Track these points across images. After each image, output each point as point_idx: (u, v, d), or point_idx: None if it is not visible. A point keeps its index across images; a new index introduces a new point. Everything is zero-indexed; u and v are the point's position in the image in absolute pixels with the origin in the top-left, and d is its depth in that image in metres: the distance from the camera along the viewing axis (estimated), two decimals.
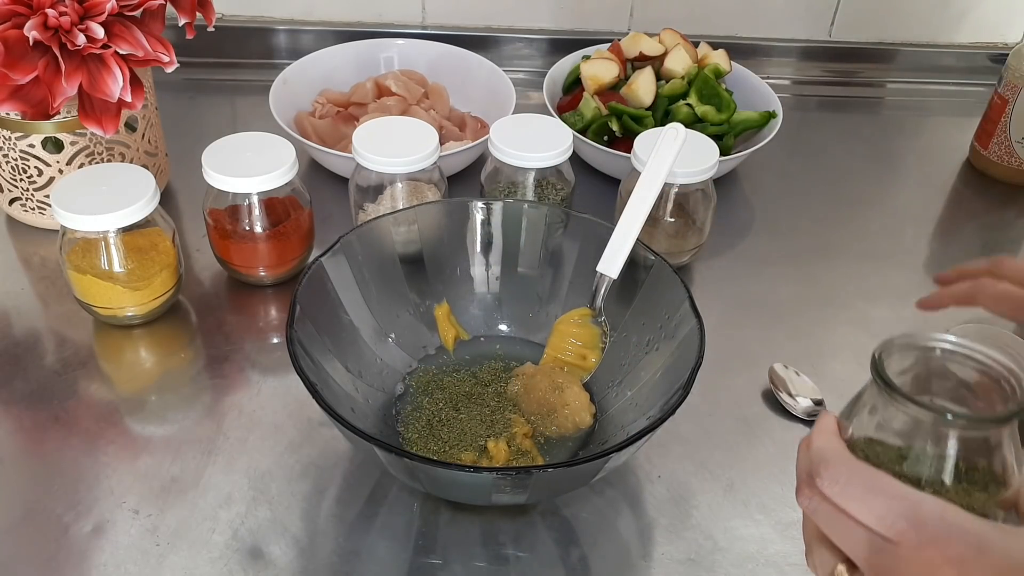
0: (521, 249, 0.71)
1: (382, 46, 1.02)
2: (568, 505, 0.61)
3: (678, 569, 0.58)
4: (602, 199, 0.87)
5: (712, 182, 0.77)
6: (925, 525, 0.33)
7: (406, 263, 0.69)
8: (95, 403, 0.67)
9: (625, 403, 0.64)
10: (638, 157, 0.75)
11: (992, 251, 0.91)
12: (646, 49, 0.97)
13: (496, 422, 0.64)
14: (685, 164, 0.73)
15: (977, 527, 0.33)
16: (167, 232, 0.71)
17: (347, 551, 0.58)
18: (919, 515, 0.33)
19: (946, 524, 0.33)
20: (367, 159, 0.73)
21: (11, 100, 0.67)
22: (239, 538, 0.58)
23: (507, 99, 0.94)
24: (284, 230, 0.74)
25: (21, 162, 0.76)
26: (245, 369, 0.70)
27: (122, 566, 0.56)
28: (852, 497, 0.36)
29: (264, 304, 0.77)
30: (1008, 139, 0.95)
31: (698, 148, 0.77)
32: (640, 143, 0.77)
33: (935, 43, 1.17)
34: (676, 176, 0.74)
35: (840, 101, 1.14)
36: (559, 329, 0.68)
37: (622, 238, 0.64)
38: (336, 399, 0.57)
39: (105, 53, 0.67)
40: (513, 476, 0.51)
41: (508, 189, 0.78)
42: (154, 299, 0.71)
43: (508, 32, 1.12)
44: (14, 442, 0.64)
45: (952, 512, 0.33)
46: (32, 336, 0.72)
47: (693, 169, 0.74)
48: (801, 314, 0.78)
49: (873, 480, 0.35)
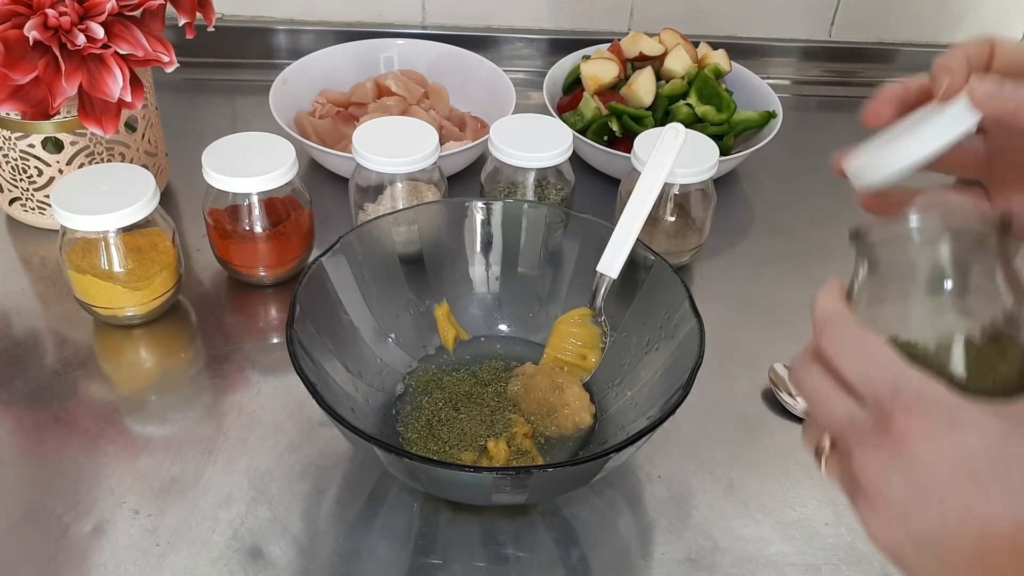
0: (521, 249, 0.71)
1: (382, 46, 1.02)
2: (568, 505, 0.61)
3: (678, 569, 0.58)
4: (602, 199, 0.87)
5: (712, 182, 0.77)
6: (902, 393, 0.33)
7: (406, 263, 0.69)
8: (95, 403, 0.67)
9: (625, 403, 0.64)
10: (638, 157, 0.75)
11: None
12: (646, 49, 0.97)
13: (496, 422, 0.64)
14: (685, 164, 0.73)
15: (952, 403, 0.32)
16: (167, 232, 0.71)
17: (347, 551, 0.58)
18: (899, 382, 0.33)
19: (921, 395, 0.33)
20: (367, 159, 0.73)
21: (11, 100, 0.67)
22: (239, 538, 0.58)
23: (507, 99, 0.94)
24: (284, 230, 0.74)
25: (21, 162, 0.76)
26: (245, 369, 0.70)
27: (122, 566, 0.56)
28: (844, 356, 0.35)
29: (264, 304, 0.77)
30: None
31: (698, 148, 0.77)
32: (640, 143, 0.77)
33: (935, 43, 1.17)
34: (676, 176, 0.74)
35: (840, 101, 1.14)
36: (559, 329, 0.68)
37: (622, 238, 0.64)
38: (336, 399, 0.57)
39: (105, 53, 0.67)
40: (513, 476, 0.51)
41: (508, 189, 0.78)
42: (154, 299, 0.71)
43: (508, 32, 1.12)
44: (14, 442, 0.64)
45: (931, 387, 0.33)
46: (32, 336, 0.72)
47: (693, 169, 0.74)
48: (801, 314, 0.77)
49: (868, 343, 0.35)
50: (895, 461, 0.33)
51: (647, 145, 0.75)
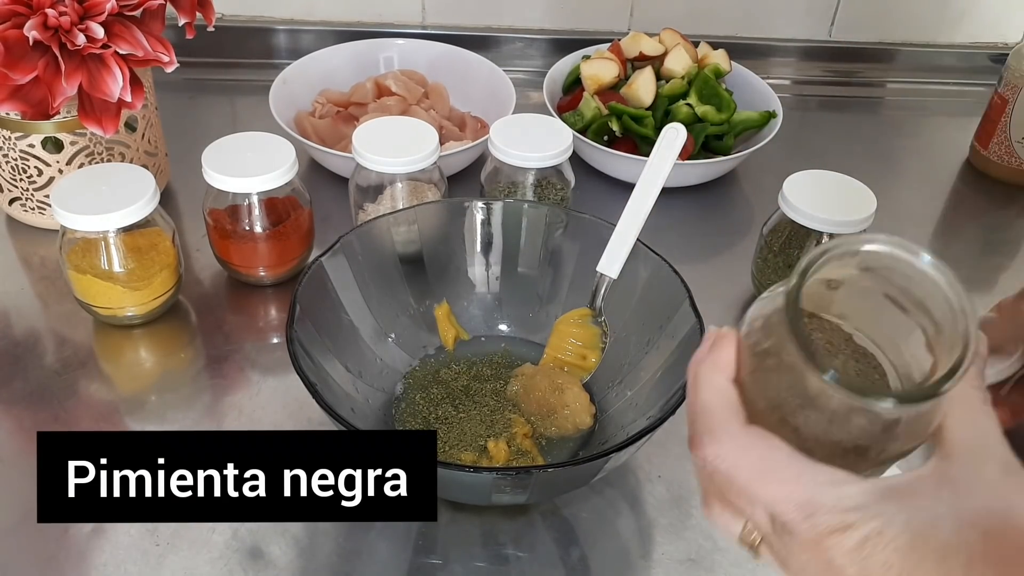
0: (521, 249, 0.71)
1: (382, 46, 1.02)
2: (568, 505, 0.61)
3: (678, 569, 0.58)
4: (602, 199, 0.87)
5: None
6: (818, 515, 0.31)
7: (406, 263, 0.69)
8: (95, 403, 0.67)
9: (625, 403, 0.64)
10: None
11: (992, 251, 0.91)
12: (646, 49, 0.97)
13: (496, 422, 0.64)
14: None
15: (875, 509, 0.31)
16: (167, 232, 0.71)
17: (347, 551, 0.58)
18: (813, 504, 0.31)
19: (841, 513, 0.31)
20: (367, 159, 0.73)
21: (11, 100, 0.67)
22: (239, 538, 0.58)
23: (507, 99, 0.94)
24: (284, 230, 0.74)
25: (21, 162, 0.76)
26: (245, 369, 0.70)
27: (122, 566, 0.56)
28: (741, 479, 0.33)
29: (264, 304, 0.77)
30: (1008, 139, 0.95)
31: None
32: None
33: (935, 43, 1.17)
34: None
35: (840, 101, 1.14)
36: (559, 329, 0.68)
37: (622, 238, 0.64)
38: (336, 399, 0.57)
39: (105, 53, 0.67)
40: (513, 476, 0.51)
41: (508, 189, 0.78)
42: (154, 299, 0.71)
43: (508, 32, 1.12)
44: (14, 442, 0.64)
45: (849, 495, 0.31)
46: (32, 336, 0.72)
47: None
48: None
49: (763, 461, 0.33)
50: (814, 560, 0.32)
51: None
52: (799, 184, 0.73)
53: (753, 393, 0.36)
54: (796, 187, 0.73)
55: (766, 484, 0.33)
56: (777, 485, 0.32)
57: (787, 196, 0.72)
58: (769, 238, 0.75)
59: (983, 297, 0.79)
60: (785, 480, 0.32)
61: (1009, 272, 0.88)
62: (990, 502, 0.31)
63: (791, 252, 0.74)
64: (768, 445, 0.33)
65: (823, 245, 0.35)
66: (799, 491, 0.32)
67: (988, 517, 0.31)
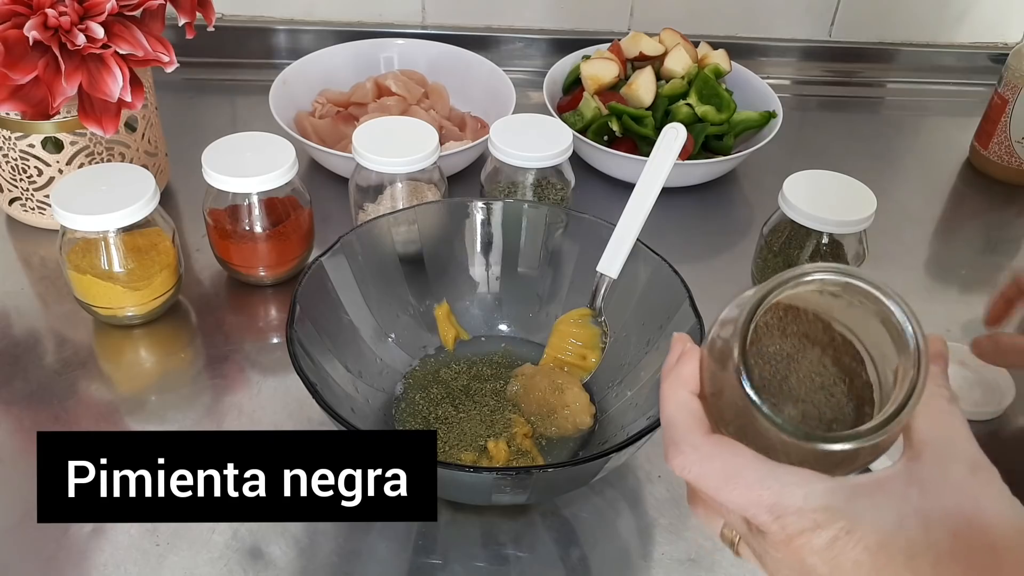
0: (521, 249, 0.71)
1: (382, 46, 1.02)
2: (568, 505, 0.61)
3: (678, 569, 0.58)
4: (602, 199, 0.87)
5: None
6: (786, 517, 0.32)
7: (406, 263, 0.69)
8: (95, 403, 0.67)
9: (625, 403, 0.64)
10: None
11: (992, 251, 0.91)
12: (646, 49, 0.97)
13: (496, 422, 0.64)
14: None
15: (843, 508, 0.31)
16: (167, 232, 0.71)
17: (347, 551, 0.58)
18: (781, 506, 0.32)
19: (809, 513, 0.32)
20: (367, 159, 0.73)
21: (11, 100, 0.67)
22: (239, 538, 0.58)
23: (507, 99, 0.94)
24: (284, 230, 0.74)
25: (21, 162, 0.76)
26: (245, 369, 0.70)
27: (122, 566, 0.56)
28: (709, 488, 0.34)
29: (264, 304, 0.77)
30: (1008, 139, 0.95)
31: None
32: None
33: (935, 43, 1.17)
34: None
35: (840, 101, 1.14)
36: (559, 329, 0.68)
37: (622, 238, 0.64)
38: (336, 399, 0.57)
39: (105, 53, 0.67)
40: (513, 476, 0.51)
41: (508, 189, 0.78)
42: (154, 299, 0.71)
43: (508, 32, 1.12)
44: (14, 442, 0.64)
45: (816, 495, 0.32)
46: (32, 336, 0.72)
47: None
48: None
49: (728, 469, 0.34)
50: (788, 559, 0.33)
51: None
52: (799, 184, 0.73)
53: (717, 404, 0.37)
54: (796, 187, 0.73)
55: (732, 490, 0.34)
56: (743, 490, 0.33)
57: (787, 196, 0.72)
58: (769, 238, 0.76)
59: (983, 297, 0.79)
60: (751, 484, 0.33)
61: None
62: (958, 501, 0.32)
63: (791, 252, 0.74)
64: (732, 452, 0.34)
65: (765, 285, 0.34)
66: (766, 495, 0.33)
67: (956, 516, 0.31)
